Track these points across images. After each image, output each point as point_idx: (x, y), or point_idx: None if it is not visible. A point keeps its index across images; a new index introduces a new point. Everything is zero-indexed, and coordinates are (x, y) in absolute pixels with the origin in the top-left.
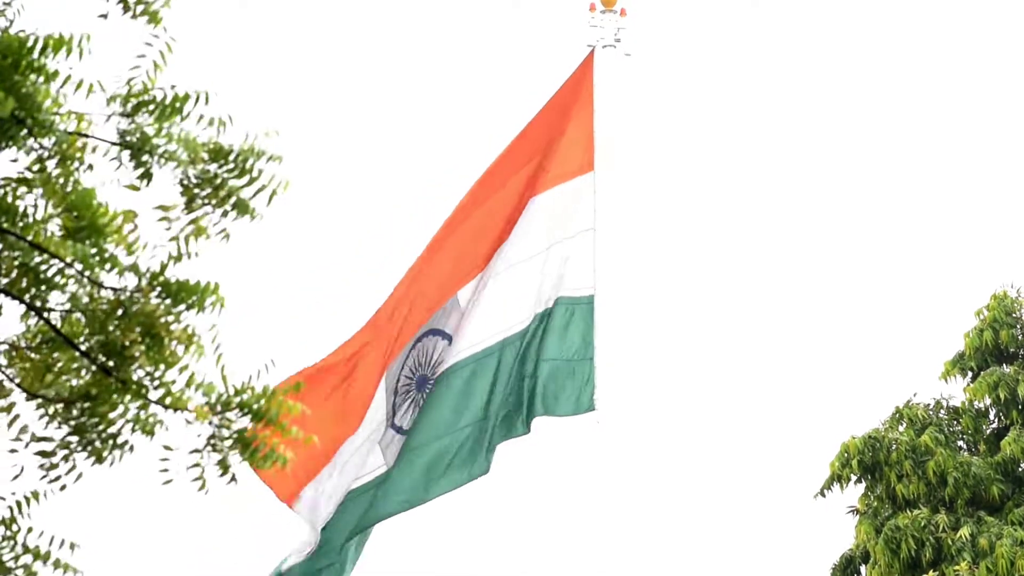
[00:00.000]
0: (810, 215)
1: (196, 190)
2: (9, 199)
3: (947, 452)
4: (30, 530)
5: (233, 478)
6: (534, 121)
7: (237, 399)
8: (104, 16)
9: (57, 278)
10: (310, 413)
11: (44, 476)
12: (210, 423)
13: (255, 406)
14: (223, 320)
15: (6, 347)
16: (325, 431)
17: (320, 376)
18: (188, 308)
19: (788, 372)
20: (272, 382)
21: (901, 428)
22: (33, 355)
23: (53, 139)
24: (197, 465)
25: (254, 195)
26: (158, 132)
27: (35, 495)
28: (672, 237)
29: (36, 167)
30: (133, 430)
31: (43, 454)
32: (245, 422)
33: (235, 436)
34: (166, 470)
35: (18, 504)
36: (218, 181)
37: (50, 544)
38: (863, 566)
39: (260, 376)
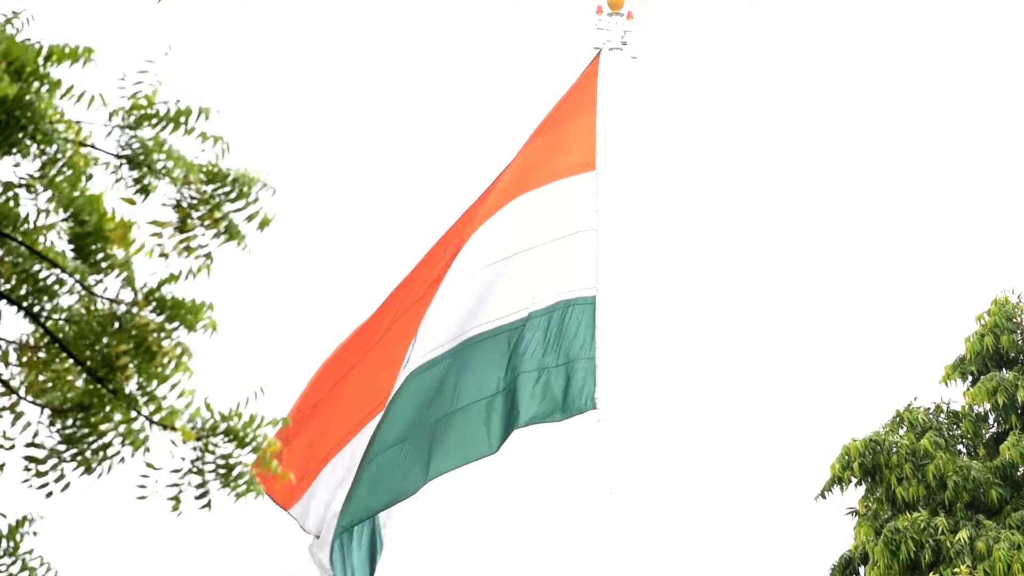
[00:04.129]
0: (812, 218)
1: (191, 210)
2: (11, 204)
3: (947, 456)
4: (31, 551)
5: (208, 504)
6: (541, 126)
7: (223, 425)
8: None
9: (55, 287)
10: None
11: (26, 481)
12: (194, 447)
13: (241, 433)
14: (217, 342)
15: (15, 346)
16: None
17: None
18: (181, 325)
19: (789, 374)
20: (260, 410)
21: (901, 431)
22: (42, 353)
23: (55, 147)
24: (176, 486)
25: (248, 220)
26: (158, 146)
27: (25, 519)
28: (675, 238)
29: (39, 173)
30: (124, 443)
31: (32, 460)
32: (229, 448)
33: (218, 461)
34: (143, 486)
35: (18, 523)
36: (213, 203)
37: (40, 566)
38: (862, 567)
39: (248, 403)
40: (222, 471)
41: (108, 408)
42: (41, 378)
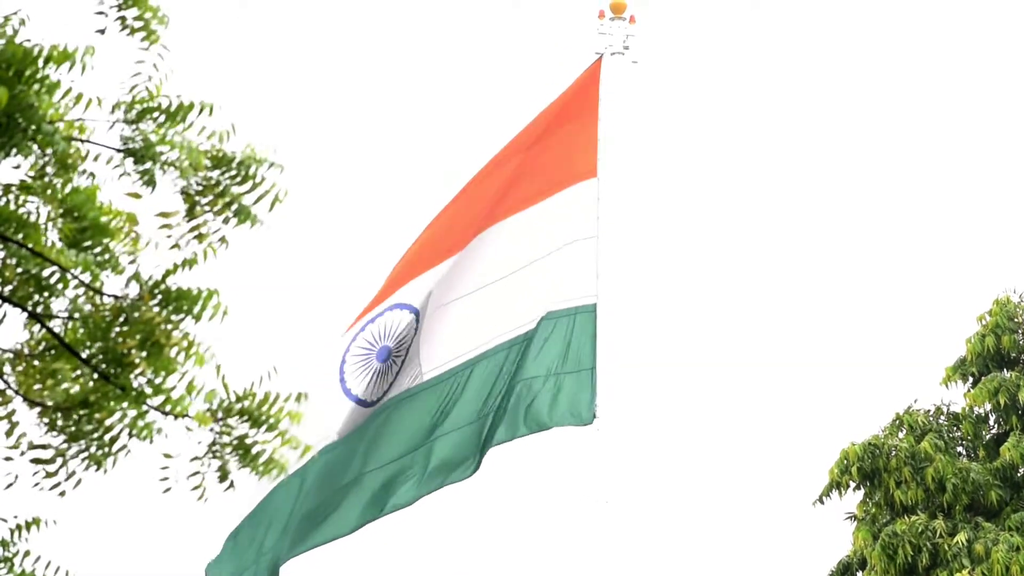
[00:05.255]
0: (813, 221)
1: (198, 197)
2: (11, 207)
3: (946, 458)
4: (27, 554)
5: (232, 485)
6: (538, 119)
7: (238, 405)
8: (102, 31)
9: (59, 285)
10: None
11: (37, 484)
12: (211, 430)
13: (256, 412)
14: (225, 327)
15: (10, 354)
16: None
17: None
18: (187, 315)
19: (789, 378)
20: (274, 388)
21: (901, 435)
22: (36, 362)
23: (56, 148)
24: (197, 473)
25: (256, 201)
26: (161, 139)
27: (36, 521)
28: (677, 244)
29: (37, 174)
30: (131, 436)
31: (39, 461)
32: (245, 428)
33: (235, 442)
34: (166, 478)
35: (18, 528)
36: (220, 188)
37: (46, 569)
38: (860, 572)
39: (262, 383)
40: (240, 451)
41: (112, 404)
42: (37, 387)
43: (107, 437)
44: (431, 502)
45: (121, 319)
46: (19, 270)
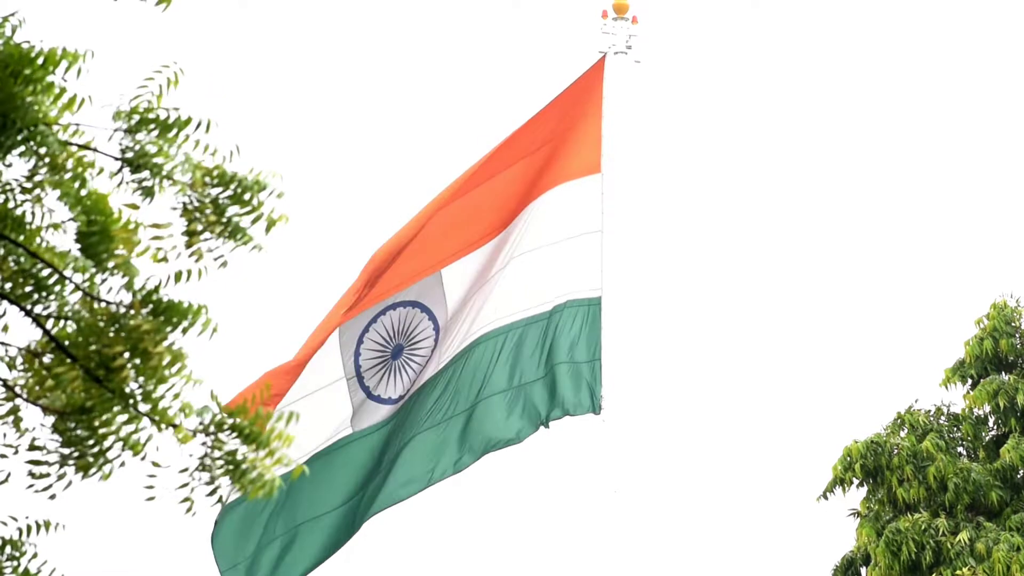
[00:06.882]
0: (814, 221)
1: (196, 214)
2: (10, 205)
3: (947, 458)
4: (35, 555)
5: (220, 500)
6: (539, 116)
7: (230, 421)
8: None
9: (56, 286)
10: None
11: (31, 485)
12: (202, 444)
13: (248, 430)
14: (220, 339)
15: (20, 352)
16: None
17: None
18: (174, 328)
19: (792, 376)
20: (267, 406)
21: (903, 434)
22: (47, 358)
23: (50, 149)
24: (186, 486)
25: (253, 223)
26: (159, 151)
27: (47, 524)
28: (679, 241)
29: (44, 171)
30: (123, 448)
31: (35, 463)
32: (237, 444)
33: (225, 458)
34: (151, 487)
35: (28, 528)
36: (219, 206)
37: (51, 573)
38: (864, 568)
39: (254, 400)
40: (230, 467)
41: (111, 411)
42: (48, 383)
43: (102, 446)
44: (437, 494)
45: (114, 325)
46: (16, 268)
